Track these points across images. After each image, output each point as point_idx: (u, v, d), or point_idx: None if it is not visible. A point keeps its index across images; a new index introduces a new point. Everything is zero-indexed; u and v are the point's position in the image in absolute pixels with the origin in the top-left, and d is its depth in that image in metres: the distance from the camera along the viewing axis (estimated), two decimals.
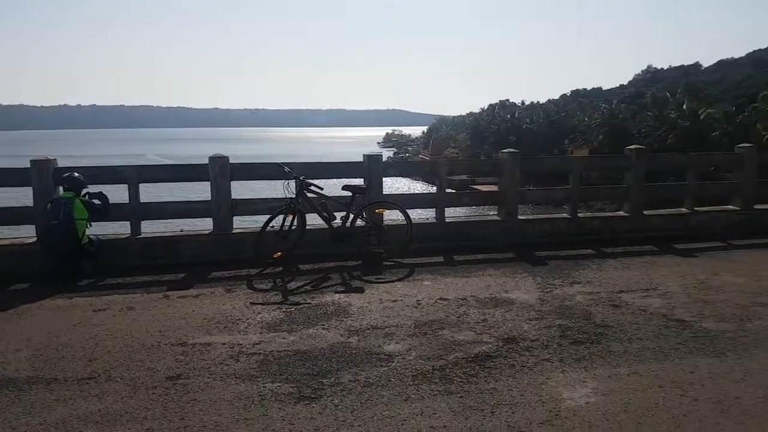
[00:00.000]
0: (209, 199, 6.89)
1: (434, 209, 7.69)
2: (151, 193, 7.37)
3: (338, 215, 6.78)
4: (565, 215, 8.02)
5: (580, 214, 8.00)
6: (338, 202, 6.82)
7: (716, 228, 8.01)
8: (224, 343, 4.21)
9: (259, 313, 4.90)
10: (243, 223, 7.61)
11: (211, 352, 4.07)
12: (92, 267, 6.16)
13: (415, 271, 6.20)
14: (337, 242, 6.68)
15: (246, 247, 6.62)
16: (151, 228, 7.15)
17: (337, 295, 5.40)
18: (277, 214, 6.41)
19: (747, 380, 3.53)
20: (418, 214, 9.46)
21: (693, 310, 4.84)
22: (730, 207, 8.47)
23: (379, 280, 5.88)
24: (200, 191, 7.12)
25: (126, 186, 6.76)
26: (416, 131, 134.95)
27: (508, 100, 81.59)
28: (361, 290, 5.54)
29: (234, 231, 6.97)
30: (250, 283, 5.84)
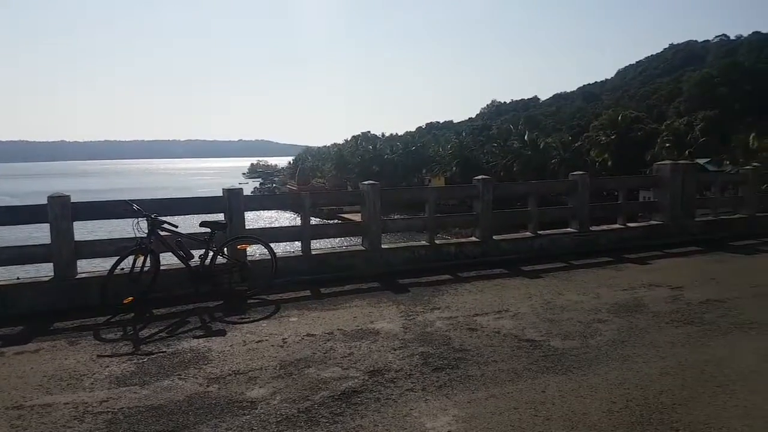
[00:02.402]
0: (49, 242, 6.21)
1: (299, 242, 7.60)
2: None
3: (197, 253, 6.40)
4: (424, 242, 8.39)
5: (437, 241, 8.42)
6: (196, 240, 6.45)
7: (557, 250, 8.87)
8: (67, 403, 3.78)
9: (107, 366, 4.44)
10: (90, 266, 6.90)
11: (52, 413, 3.63)
12: None
13: (281, 307, 6.05)
14: (196, 282, 6.29)
15: (92, 293, 6.00)
16: None
17: (195, 340, 5.05)
18: (127, 255, 5.87)
19: (592, 395, 3.82)
20: (282, 248, 9.28)
21: (542, 329, 5.23)
22: (569, 229, 9.43)
23: (243, 320, 5.62)
24: (41, 233, 6.39)
25: None
26: (283, 161, 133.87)
27: (369, 131, 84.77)
28: (222, 333, 5.25)
29: (78, 276, 6.30)
30: (97, 333, 5.28)
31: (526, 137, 52.21)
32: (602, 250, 9.01)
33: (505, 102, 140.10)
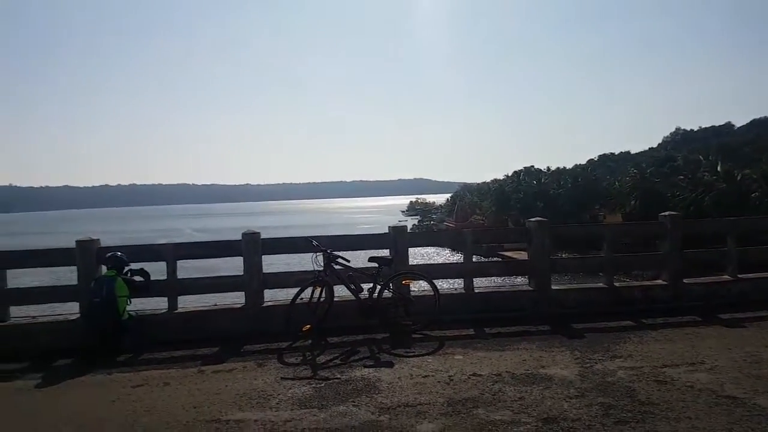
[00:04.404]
0: (241, 273, 7.04)
1: (462, 279, 7.57)
2: (183, 267, 7.52)
3: (365, 287, 6.74)
4: (600, 284, 7.78)
5: (617, 284, 7.76)
6: (365, 274, 6.80)
7: (763, 295, 7.62)
8: (257, 420, 4.15)
9: (290, 388, 4.83)
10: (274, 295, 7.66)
11: (244, 429, 4.02)
12: (131, 343, 6.31)
13: (445, 344, 6.03)
14: (365, 314, 6.59)
15: (276, 319, 6.61)
16: (186, 303, 7.29)
17: (366, 369, 5.27)
18: (306, 287, 6.42)
19: None
20: (446, 284, 9.33)
21: (745, 385, 4.53)
22: None
23: (409, 354, 5.73)
24: (232, 265, 7.29)
25: (164, 263, 6.99)
26: (440, 199, 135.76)
27: (533, 166, 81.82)
28: (390, 364, 5.40)
29: (265, 304, 7.03)
30: (281, 356, 5.79)
31: (719, 168, 46.14)
32: None
33: (692, 129, 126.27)
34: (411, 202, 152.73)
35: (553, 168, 79.29)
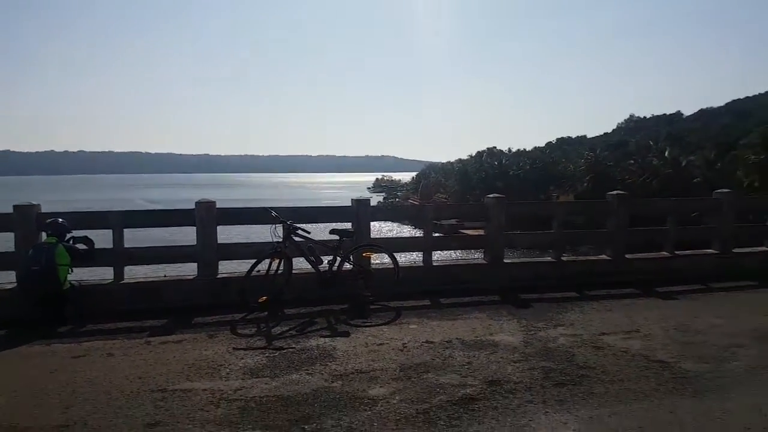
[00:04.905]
0: (194, 243, 6.89)
1: (421, 252, 7.76)
2: (135, 238, 7.36)
3: (325, 259, 6.81)
4: (549, 259, 8.13)
5: (564, 258, 8.11)
6: (325, 246, 6.87)
7: (696, 271, 8.14)
8: (205, 389, 4.16)
9: (242, 358, 4.86)
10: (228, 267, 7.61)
11: (191, 398, 4.02)
12: (73, 313, 6.10)
13: (402, 314, 6.22)
14: (324, 286, 6.69)
15: (231, 291, 6.60)
16: (134, 273, 7.13)
17: (322, 339, 5.38)
18: (263, 258, 6.41)
19: (725, 419, 3.58)
20: (405, 258, 9.51)
21: (674, 351, 4.90)
22: (710, 251, 8.64)
23: (366, 324, 5.88)
24: (185, 236, 7.13)
25: (111, 231, 6.74)
26: (406, 177, 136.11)
27: (495, 147, 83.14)
28: (346, 334, 5.53)
29: (219, 275, 6.95)
30: (234, 328, 5.79)
31: (666, 154, 48.00)
32: (747, 274, 8.11)
33: (644, 117, 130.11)
34: (377, 179, 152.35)
35: (513, 150, 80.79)
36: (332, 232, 6.86)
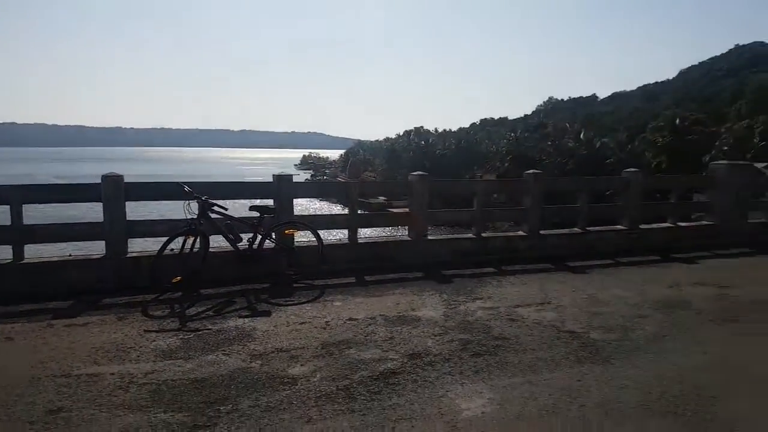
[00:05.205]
0: (101, 220, 6.45)
1: (347, 230, 7.71)
2: (36, 215, 6.78)
3: (246, 237, 6.59)
4: (470, 235, 8.33)
5: (484, 234, 8.35)
6: (245, 224, 6.64)
7: (605, 246, 8.64)
8: (113, 373, 3.96)
9: (154, 340, 4.64)
10: (140, 245, 7.20)
11: (98, 383, 3.80)
12: None
13: (325, 292, 6.16)
14: (244, 265, 6.48)
15: (142, 271, 6.25)
16: (38, 253, 6.61)
17: (241, 319, 5.22)
18: (176, 236, 6.07)
19: (628, 386, 3.80)
20: (332, 235, 9.45)
21: (583, 322, 5.18)
22: (618, 227, 9.18)
23: (288, 303, 5.77)
24: (97, 214, 6.64)
25: (8, 207, 6.18)
26: (334, 154, 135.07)
27: (422, 127, 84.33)
28: (267, 314, 5.41)
29: (129, 254, 6.55)
30: (146, 309, 5.50)
31: (582, 136, 50.60)
32: (651, 248, 8.75)
33: (562, 99, 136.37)
34: (304, 156, 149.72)
35: (440, 130, 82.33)
36: (252, 208, 6.63)
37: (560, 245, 8.50)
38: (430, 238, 8.00)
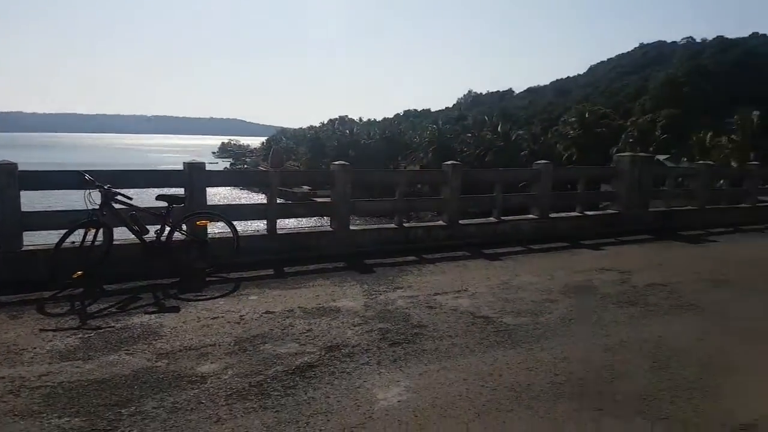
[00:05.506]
0: None
1: (265, 220, 7.47)
2: None
3: (153, 228, 6.19)
4: (392, 225, 8.36)
5: (405, 224, 8.40)
6: (152, 214, 6.23)
7: (519, 235, 8.98)
8: (3, 377, 3.62)
9: (50, 340, 4.27)
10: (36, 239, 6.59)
11: None
12: None
13: (241, 285, 5.92)
14: (151, 258, 6.07)
15: (39, 266, 5.74)
16: None
17: (147, 316, 4.90)
18: (76, 228, 5.60)
19: (537, 368, 3.95)
20: (250, 226, 9.13)
21: (496, 307, 5.34)
22: (531, 216, 9.56)
23: (199, 298, 5.49)
24: None
25: None
26: (256, 142, 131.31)
27: (347, 116, 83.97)
28: (176, 309, 5.11)
29: (24, 248, 6.00)
30: (42, 307, 5.05)
31: (499, 128, 52.60)
32: (560, 236, 9.17)
33: (481, 93, 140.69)
34: (223, 143, 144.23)
35: (365, 119, 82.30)
36: (159, 198, 6.21)
37: (477, 234, 8.72)
38: (352, 228, 7.94)
